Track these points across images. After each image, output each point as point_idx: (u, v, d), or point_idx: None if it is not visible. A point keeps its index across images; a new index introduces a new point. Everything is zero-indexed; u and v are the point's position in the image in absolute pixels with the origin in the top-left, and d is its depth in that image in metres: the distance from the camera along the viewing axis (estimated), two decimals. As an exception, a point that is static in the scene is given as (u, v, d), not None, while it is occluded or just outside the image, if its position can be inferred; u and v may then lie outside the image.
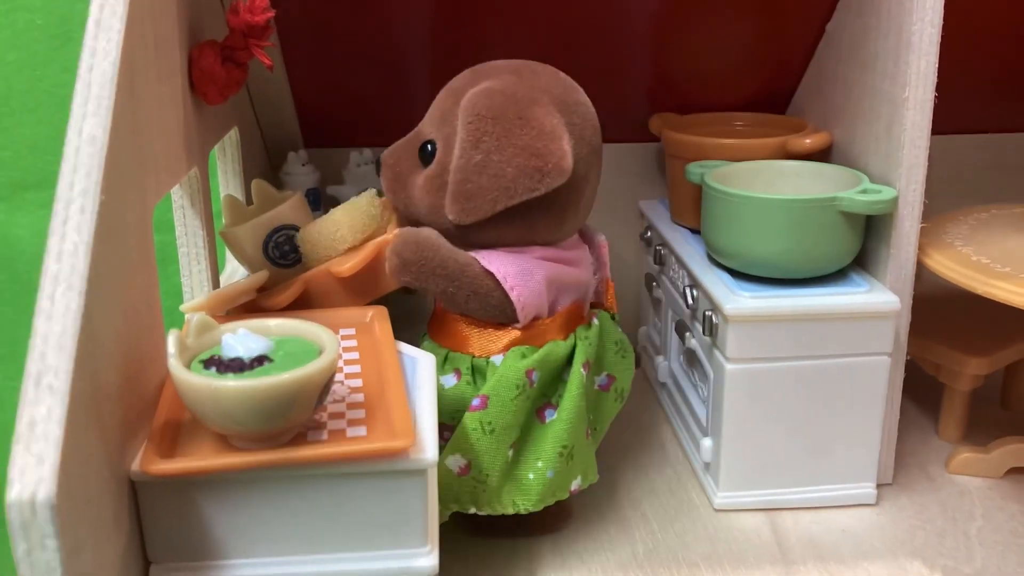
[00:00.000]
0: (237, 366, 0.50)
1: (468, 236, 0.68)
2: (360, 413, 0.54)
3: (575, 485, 0.71)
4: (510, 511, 0.68)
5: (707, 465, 0.80)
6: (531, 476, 0.68)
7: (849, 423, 0.76)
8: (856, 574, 0.70)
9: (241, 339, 0.51)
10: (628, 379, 0.76)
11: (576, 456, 0.70)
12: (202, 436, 0.53)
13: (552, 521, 0.75)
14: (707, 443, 0.79)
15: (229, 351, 0.51)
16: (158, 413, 0.54)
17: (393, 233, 0.69)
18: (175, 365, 0.49)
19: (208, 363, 0.51)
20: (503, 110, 0.65)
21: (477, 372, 0.69)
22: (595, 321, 0.73)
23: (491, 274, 0.66)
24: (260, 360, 0.51)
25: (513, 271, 0.66)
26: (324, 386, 0.50)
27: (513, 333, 0.69)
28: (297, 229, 0.71)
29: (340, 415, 0.54)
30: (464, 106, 0.66)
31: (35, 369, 0.44)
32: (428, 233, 0.67)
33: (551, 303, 0.69)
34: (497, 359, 0.68)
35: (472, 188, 0.65)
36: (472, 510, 0.68)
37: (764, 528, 0.76)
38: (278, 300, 0.68)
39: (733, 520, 0.77)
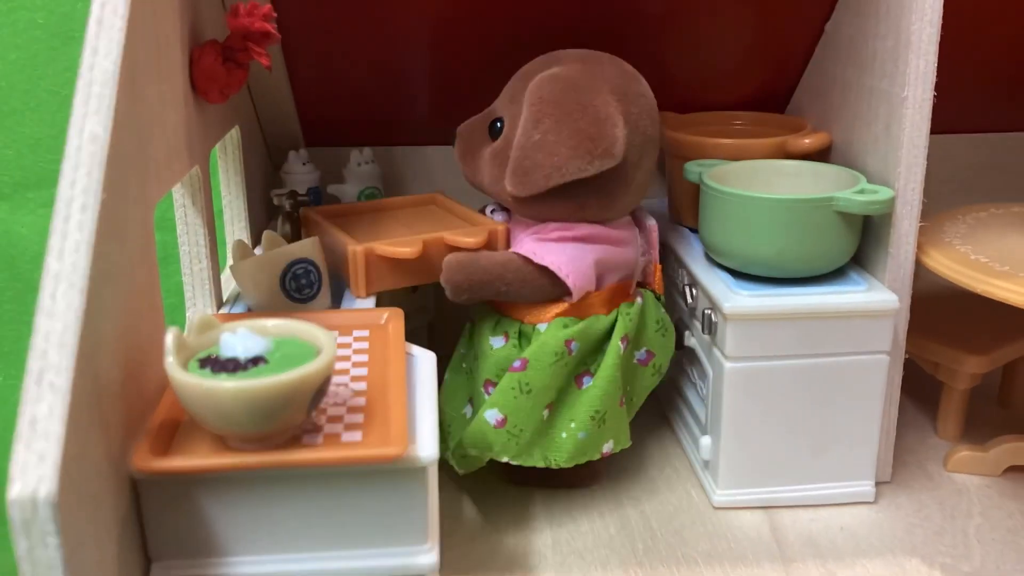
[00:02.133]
0: (232, 366, 0.50)
1: (524, 208, 0.75)
2: (359, 417, 0.54)
3: (607, 448, 0.76)
4: (541, 464, 0.74)
5: (706, 463, 0.80)
6: (564, 435, 0.74)
7: (848, 421, 0.76)
8: (855, 572, 0.70)
9: (240, 338, 0.51)
10: (667, 356, 0.81)
11: (608, 421, 0.75)
12: (199, 435, 0.53)
13: (582, 479, 0.80)
14: (706, 441, 0.79)
15: (227, 350, 0.51)
16: (158, 411, 0.54)
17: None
18: (170, 364, 0.49)
19: (204, 362, 0.51)
20: (564, 95, 0.71)
21: (523, 337, 0.75)
22: (639, 300, 0.78)
23: (530, 261, 0.73)
24: (256, 361, 0.50)
25: (564, 259, 0.73)
26: (319, 388, 0.50)
27: (562, 305, 0.74)
28: (315, 264, 0.71)
29: (339, 418, 0.54)
30: (531, 88, 0.72)
31: (37, 367, 0.44)
32: (463, 254, 0.74)
33: (598, 280, 0.74)
34: (543, 327, 0.74)
35: (529, 164, 0.71)
36: (505, 459, 0.73)
37: (763, 526, 0.76)
38: (404, 251, 0.73)
39: (732, 518, 0.77)
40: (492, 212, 0.81)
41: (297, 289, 0.71)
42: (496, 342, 0.76)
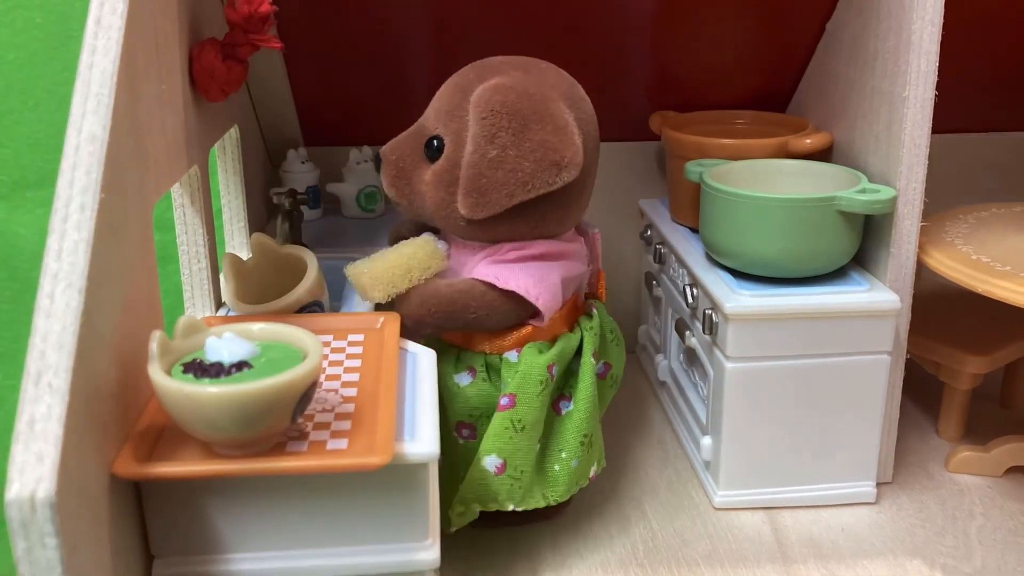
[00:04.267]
0: (215, 371, 0.49)
1: (477, 231, 0.69)
2: (346, 424, 0.54)
3: (593, 472, 0.73)
4: (541, 504, 0.70)
5: (707, 464, 0.80)
6: (556, 468, 0.70)
7: (849, 422, 0.76)
8: (856, 572, 0.70)
9: (226, 343, 0.51)
10: (622, 366, 0.77)
11: (595, 444, 0.72)
12: (184, 440, 0.52)
13: (555, 510, 0.75)
14: (707, 442, 0.79)
15: (212, 355, 0.51)
16: (144, 414, 0.53)
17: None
18: (153, 369, 0.49)
19: (188, 367, 0.50)
20: (518, 106, 0.65)
21: (492, 369, 0.70)
22: (594, 311, 0.74)
23: (493, 286, 0.67)
24: (240, 366, 0.50)
25: (531, 282, 0.67)
26: (304, 394, 0.49)
27: (526, 329, 0.69)
28: (321, 305, 0.70)
29: (326, 425, 0.53)
30: (476, 102, 0.66)
31: (35, 367, 0.44)
32: (423, 285, 0.69)
33: None
34: (511, 355, 0.69)
35: (486, 183, 0.65)
36: (511, 507, 0.69)
37: (764, 526, 0.76)
38: None
39: (733, 518, 0.77)
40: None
41: None
42: (462, 379, 0.70)
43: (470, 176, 0.66)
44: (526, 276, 0.67)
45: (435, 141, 0.69)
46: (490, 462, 0.67)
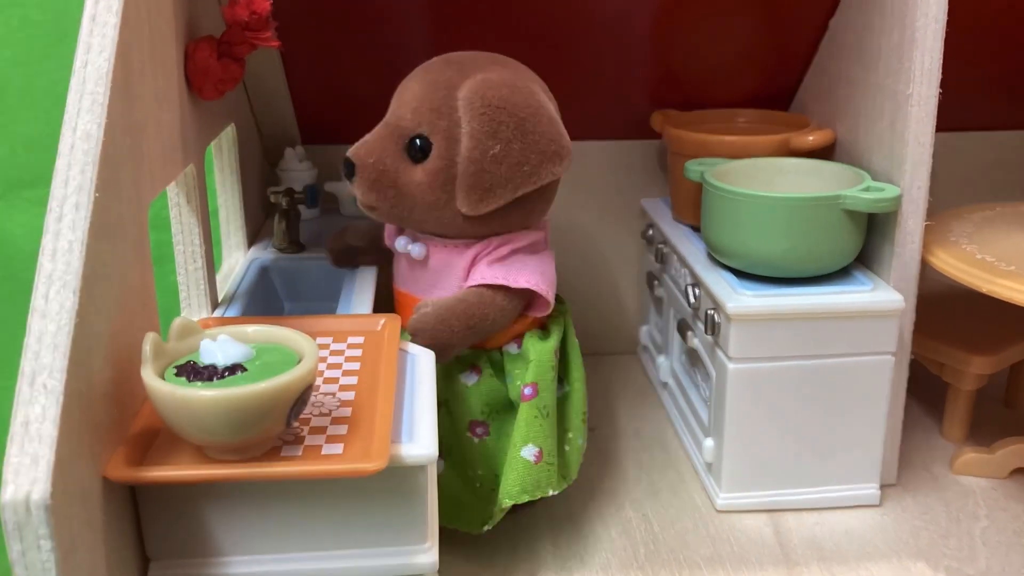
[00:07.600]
0: (208, 374, 0.49)
1: (476, 226, 0.69)
2: (342, 429, 0.53)
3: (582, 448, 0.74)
4: (564, 487, 0.71)
5: (709, 466, 0.79)
6: (568, 448, 0.72)
7: (852, 423, 0.75)
8: (859, 575, 0.70)
9: (221, 345, 0.50)
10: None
11: (587, 420, 0.74)
12: (178, 443, 0.51)
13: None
14: (709, 443, 0.78)
15: (206, 357, 0.50)
16: (139, 417, 0.53)
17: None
18: (145, 371, 0.48)
19: (181, 370, 0.49)
20: (514, 100, 0.66)
21: (494, 364, 0.72)
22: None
23: (499, 289, 0.68)
24: (234, 369, 0.49)
25: (537, 276, 0.69)
26: (298, 398, 0.49)
27: (524, 320, 0.71)
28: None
29: (322, 430, 0.53)
30: (470, 98, 0.66)
31: (30, 368, 0.44)
32: (432, 306, 0.68)
33: None
34: (511, 347, 0.71)
35: (490, 178, 0.66)
36: (551, 492, 0.69)
37: (766, 529, 0.75)
38: None
39: (735, 521, 0.76)
40: (408, 245, 0.72)
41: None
42: (469, 379, 0.72)
43: (472, 172, 0.66)
44: (531, 272, 0.69)
45: (419, 140, 0.68)
46: (528, 452, 0.68)
